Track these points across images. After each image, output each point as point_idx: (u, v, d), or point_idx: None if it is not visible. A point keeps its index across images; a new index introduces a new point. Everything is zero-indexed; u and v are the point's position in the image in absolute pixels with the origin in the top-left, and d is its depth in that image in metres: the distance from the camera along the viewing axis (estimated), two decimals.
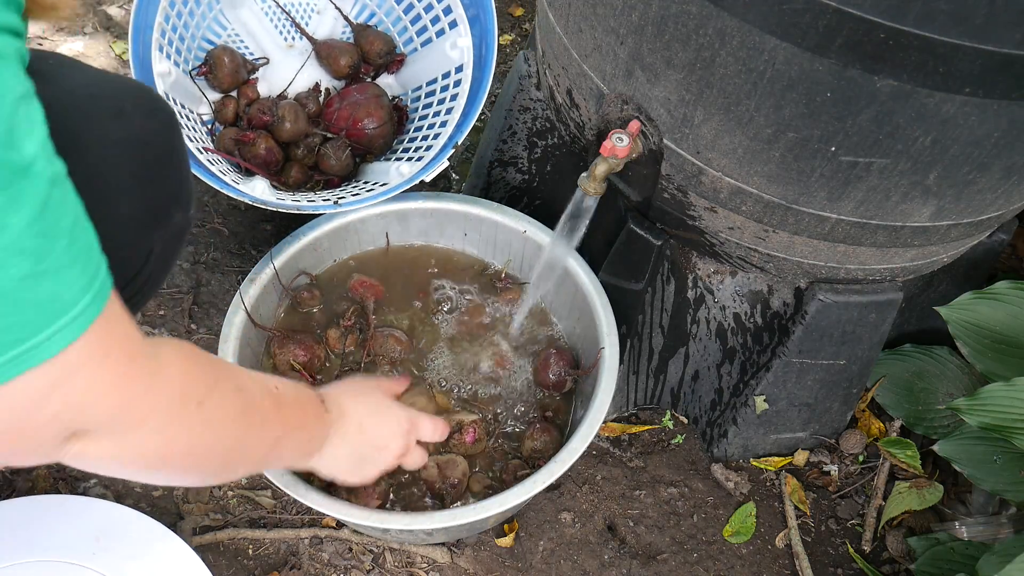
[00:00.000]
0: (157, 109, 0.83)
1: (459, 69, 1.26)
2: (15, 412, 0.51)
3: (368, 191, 1.19)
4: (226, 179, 1.14)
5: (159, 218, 0.80)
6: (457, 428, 1.10)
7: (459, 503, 1.06)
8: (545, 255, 1.14)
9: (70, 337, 0.50)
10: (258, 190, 1.16)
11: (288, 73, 1.34)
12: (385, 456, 0.91)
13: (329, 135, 1.28)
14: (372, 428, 0.90)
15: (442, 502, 1.05)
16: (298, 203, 1.15)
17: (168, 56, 1.20)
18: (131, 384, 0.56)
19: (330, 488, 1.05)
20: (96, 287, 0.52)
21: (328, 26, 1.38)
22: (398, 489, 1.07)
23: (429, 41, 1.33)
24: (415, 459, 0.96)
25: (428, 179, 1.16)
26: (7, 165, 0.46)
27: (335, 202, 1.15)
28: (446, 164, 1.16)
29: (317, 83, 1.35)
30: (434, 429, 0.97)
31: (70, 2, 0.55)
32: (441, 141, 1.21)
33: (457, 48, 1.27)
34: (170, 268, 0.89)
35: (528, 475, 0.99)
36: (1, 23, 0.45)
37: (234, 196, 1.12)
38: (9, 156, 0.46)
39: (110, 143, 0.50)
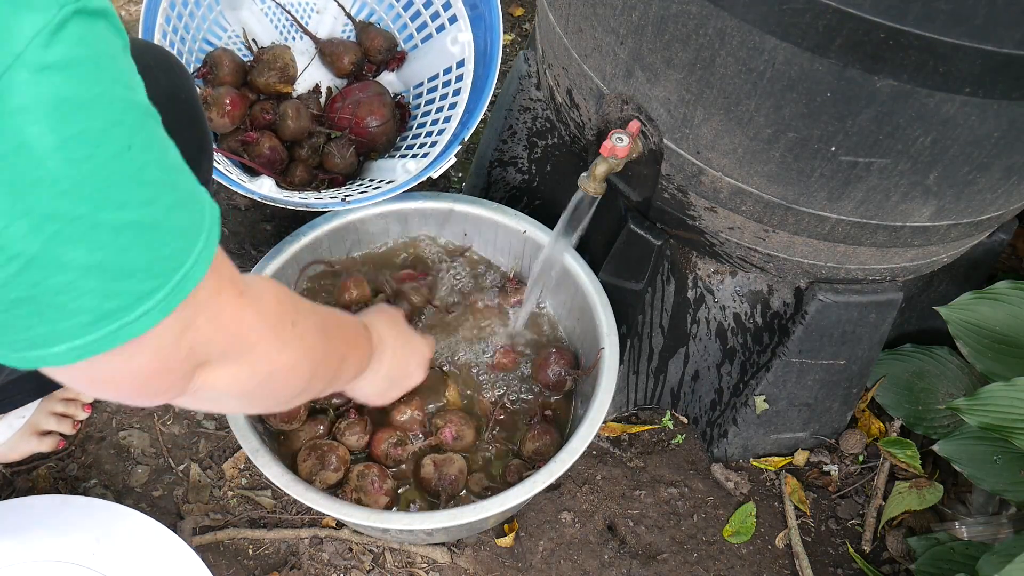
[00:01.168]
0: (173, 64, 0.89)
1: (460, 64, 1.26)
2: (160, 353, 0.56)
3: (375, 188, 1.19)
4: (232, 177, 1.14)
5: (192, 168, 0.84)
6: (433, 430, 1.10)
7: (455, 501, 1.06)
8: (544, 255, 1.14)
9: (198, 275, 0.54)
10: (266, 188, 1.16)
11: None
12: (409, 382, 0.99)
13: (333, 133, 1.28)
14: (402, 356, 0.96)
15: (437, 499, 1.05)
16: (306, 200, 1.15)
17: None
18: (244, 314, 0.62)
19: (335, 489, 1.05)
20: (209, 218, 0.56)
21: (328, 25, 1.38)
22: (402, 495, 1.07)
23: (429, 37, 1.33)
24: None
25: (435, 176, 1.16)
26: (138, 106, 0.50)
27: (343, 199, 1.15)
28: (453, 160, 1.16)
29: (317, 84, 1.35)
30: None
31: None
32: (446, 137, 1.21)
33: (458, 43, 1.26)
34: None
35: (528, 475, 0.99)
36: None
37: (243, 193, 1.12)
38: (137, 98, 0.49)
39: None
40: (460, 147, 1.18)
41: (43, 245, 0.47)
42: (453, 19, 1.27)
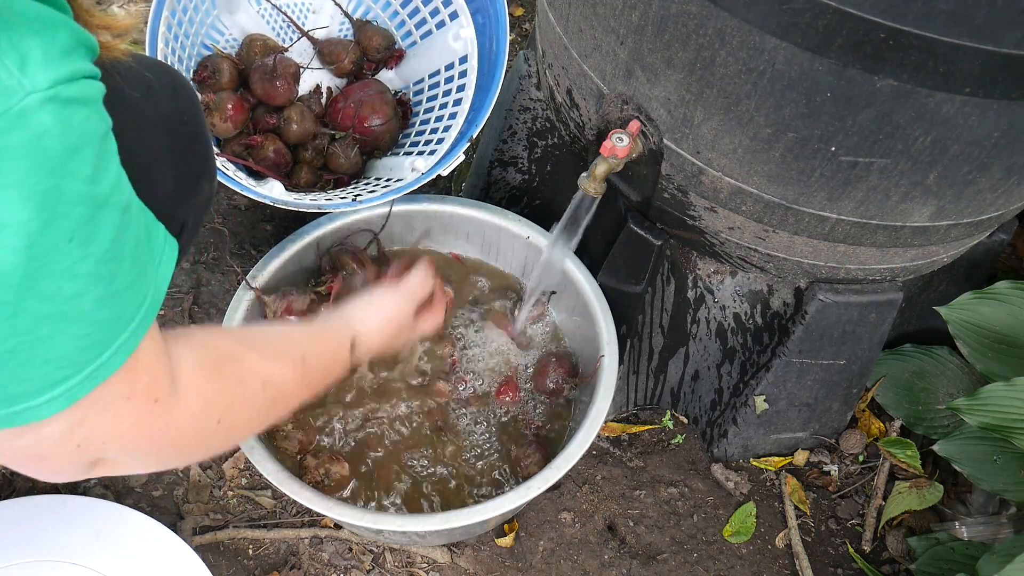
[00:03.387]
0: (180, 85, 0.87)
1: (463, 60, 1.26)
2: (43, 443, 0.53)
3: (384, 187, 1.19)
4: (241, 182, 1.14)
5: (191, 191, 0.84)
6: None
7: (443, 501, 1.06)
8: (544, 256, 1.14)
9: (113, 367, 0.52)
10: (276, 191, 1.16)
11: None
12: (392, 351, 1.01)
13: (336, 134, 1.28)
14: (387, 347, 0.95)
15: None
16: (317, 202, 1.15)
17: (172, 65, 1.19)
18: (150, 424, 0.58)
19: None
20: (147, 306, 0.54)
21: (325, 25, 1.38)
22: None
23: (429, 34, 1.33)
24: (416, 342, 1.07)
25: (444, 173, 1.16)
26: (92, 199, 0.48)
27: (353, 199, 1.15)
28: (462, 158, 1.16)
29: (317, 85, 1.34)
30: (435, 326, 1.04)
31: (121, 43, 0.58)
32: (452, 134, 1.21)
33: (460, 39, 1.26)
34: (196, 237, 0.93)
35: (525, 480, 0.99)
36: (87, 71, 0.48)
37: (254, 197, 1.12)
38: (94, 190, 0.48)
39: (145, 122, 0.52)
40: (468, 144, 1.18)
41: None
42: (454, 15, 1.27)
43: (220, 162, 1.15)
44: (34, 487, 1.18)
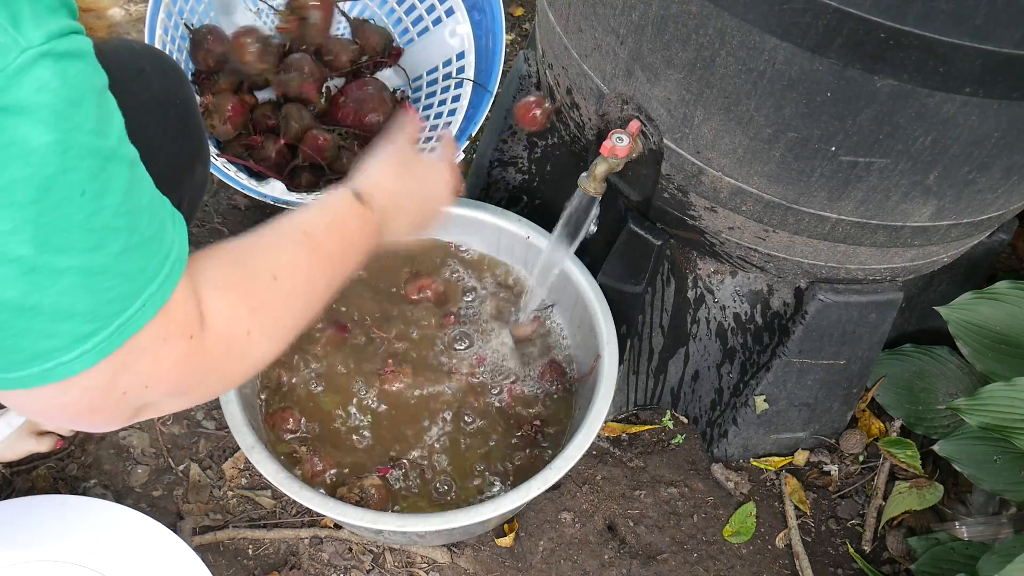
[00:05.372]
0: (170, 68, 0.87)
1: (460, 56, 1.26)
2: (90, 393, 0.55)
3: None
4: (243, 181, 1.14)
5: (184, 173, 0.84)
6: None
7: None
8: (544, 257, 1.14)
9: (145, 318, 0.53)
10: (277, 190, 1.16)
11: None
12: (439, 207, 0.93)
13: (339, 130, 1.28)
14: (423, 195, 0.90)
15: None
16: None
17: None
18: (188, 361, 0.59)
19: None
20: (173, 258, 0.55)
21: None
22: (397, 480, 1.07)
23: (425, 31, 1.33)
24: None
25: None
26: (100, 152, 0.49)
27: None
28: (462, 156, 1.16)
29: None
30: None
31: (103, 25, 0.58)
32: (451, 131, 1.21)
33: (456, 35, 1.26)
34: (191, 223, 0.92)
35: (524, 480, 0.99)
36: (75, 27, 0.48)
37: (257, 197, 1.12)
38: (101, 143, 0.49)
39: (137, 104, 0.52)
40: (468, 142, 1.18)
41: None
42: (450, 11, 1.27)
43: (221, 163, 1.15)
44: (34, 487, 1.18)
